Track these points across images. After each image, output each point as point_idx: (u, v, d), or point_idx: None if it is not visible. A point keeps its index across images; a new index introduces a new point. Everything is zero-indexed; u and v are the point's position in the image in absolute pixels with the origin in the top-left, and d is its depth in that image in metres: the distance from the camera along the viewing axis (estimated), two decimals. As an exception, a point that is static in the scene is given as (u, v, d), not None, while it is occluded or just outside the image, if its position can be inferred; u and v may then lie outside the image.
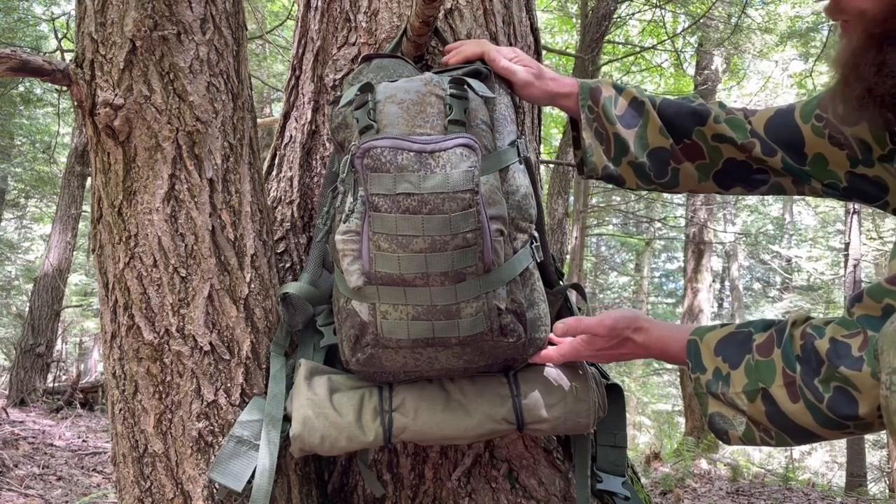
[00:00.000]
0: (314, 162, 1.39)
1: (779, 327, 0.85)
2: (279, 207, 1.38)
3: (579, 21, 7.57)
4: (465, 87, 1.00)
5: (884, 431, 0.77)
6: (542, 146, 1.84)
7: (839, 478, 8.83)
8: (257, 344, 1.11)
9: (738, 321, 0.96)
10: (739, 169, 1.07)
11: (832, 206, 12.48)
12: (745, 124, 1.05)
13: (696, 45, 9.27)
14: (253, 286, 1.12)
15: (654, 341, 0.97)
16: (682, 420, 10.56)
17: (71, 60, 1.09)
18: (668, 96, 1.12)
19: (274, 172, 1.44)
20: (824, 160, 0.98)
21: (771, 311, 13.90)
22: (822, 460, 10.20)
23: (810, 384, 0.77)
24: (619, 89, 1.11)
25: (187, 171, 1.07)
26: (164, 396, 1.05)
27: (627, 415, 1.24)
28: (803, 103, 1.01)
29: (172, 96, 1.07)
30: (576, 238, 8.36)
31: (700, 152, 1.08)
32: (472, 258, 0.91)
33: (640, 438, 10.80)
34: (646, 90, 1.15)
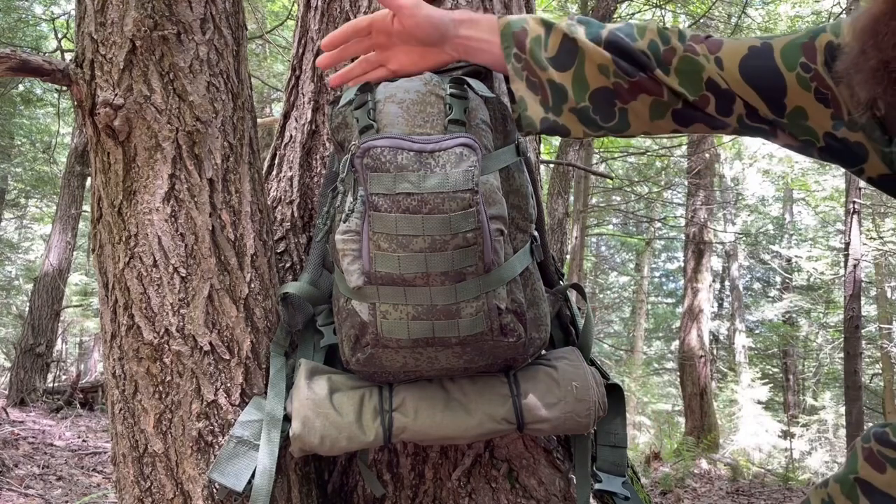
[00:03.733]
0: (314, 162, 1.39)
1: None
2: (279, 207, 1.38)
3: (579, 21, 7.55)
4: (465, 86, 1.00)
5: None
6: (542, 146, 1.84)
7: (839, 478, 8.81)
8: (257, 344, 1.11)
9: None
10: (694, 113, 0.93)
11: (832, 206, 12.47)
12: (701, 71, 0.89)
13: (696, 45, 9.26)
14: (253, 286, 1.12)
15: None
16: (682, 420, 10.56)
17: (71, 60, 1.09)
18: (614, 26, 0.95)
19: (274, 172, 1.44)
20: (804, 114, 0.85)
21: (771, 311, 13.90)
22: (822, 460, 10.20)
23: (882, 437, 0.76)
24: (549, 25, 0.96)
25: (187, 170, 1.07)
26: (164, 396, 1.05)
27: (627, 415, 1.24)
28: (783, 46, 0.86)
29: (172, 96, 1.07)
30: (576, 238, 8.36)
31: (656, 89, 0.92)
32: (472, 258, 0.91)
33: (640, 438, 10.80)
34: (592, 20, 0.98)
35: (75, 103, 1.10)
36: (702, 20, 7.36)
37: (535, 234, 1.09)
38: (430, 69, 1.05)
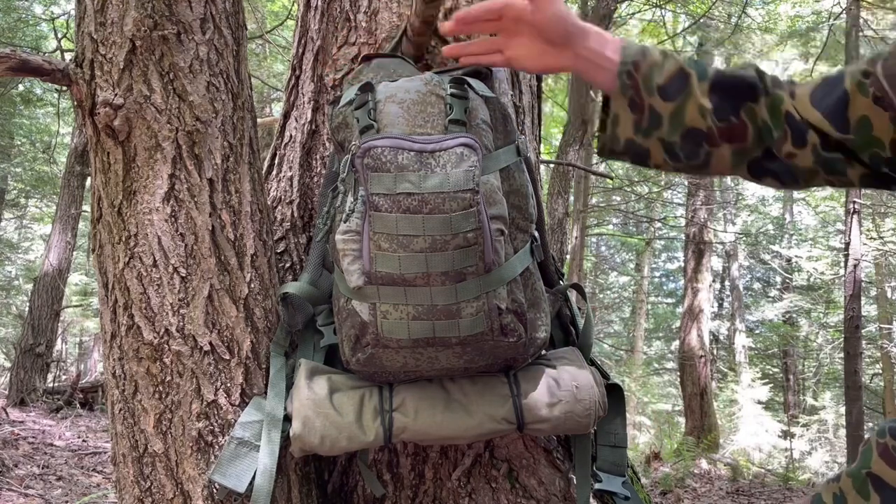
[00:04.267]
0: (314, 162, 1.39)
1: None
2: (279, 207, 1.38)
3: (579, 21, 7.55)
4: (466, 86, 1.00)
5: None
6: (542, 146, 1.84)
7: (839, 478, 8.81)
8: (257, 344, 1.11)
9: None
10: (770, 165, 0.94)
11: (832, 206, 12.47)
12: (780, 104, 0.90)
13: (696, 45, 9.27)
14: (253, 286, 1.12)
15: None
16: (682, 420, 10.56)
17: (71, 60, 1.09)
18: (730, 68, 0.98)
19: (274, 172, 1.44)
20: (868, 124, 0.83)
21: (771, 311, 13.90)
22: (823, 460, 10.20)
23: None
24: (667, 55, 0.96)
25: (187, 170, 1.07)
26: (163, 396, 1.05)
27: (627, 415, 1.24)
28: (855, 65, 0.86)
29: (172, 96, 1.06)
30: (576, 238, 8.35)
31: (742, 134, 0.92)
32: (472, 258, 0.91)
33: (640, 438, 10.80)
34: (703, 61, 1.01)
35: (75, 103, 1.09)
36: (702, 20, 7.36)
37: (536, 234, 1.09)
38: (542, 70, 1.03)
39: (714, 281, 13.73)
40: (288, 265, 1.32)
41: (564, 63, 1.00)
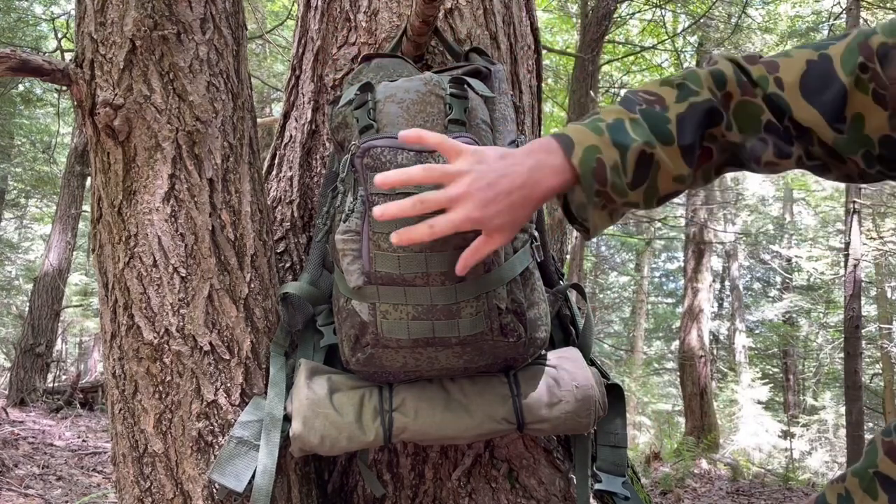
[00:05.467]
0: (314, 162, 1.39)
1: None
2: (279, 207, 1.38)
3: (579, 20, 7.57)
4: (465, 86, 1.00)
5: None
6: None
7: (839, 478, 8.81)
8: (257, 344, 1.11)
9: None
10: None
11: (832, 206, 12.47)
12: (760, 115, 0.83)
13: (696, 45, 9.27)
14: (253, 286, 1.12)
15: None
16: (682, 420, 10.56)
17: (71, 60, 1.09)
18: (682, 106, 0.84)
19: (274, 172, 1.44)
20: (862, 122, 0.78)
21: (771, 311, 13.90)
22: (822, 460, 10.20)
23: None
24: (623, 147, 0.81)
25: (187, 170, 1.07)
26: (163, 396, 1.05)
27: (627, 415, 1.24)
28: (843, 50, 0.79)
29: (172, 96, 1.06)
30: (576, 238, 8.35)
31: (708, 156, 0.86)
32: (472, 258, 0.90)
33: (640, 438, 10.79)
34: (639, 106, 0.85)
35: (75, 103, 1.09)
36: (702, 20, 7.36)
37: (535, 233, 1.09)
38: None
39: (714, 281, 13.72)
40: (288, 265, 1.32)
41: (535, 200, 0.83)
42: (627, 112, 0.83)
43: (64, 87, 1.10)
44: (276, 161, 1.44)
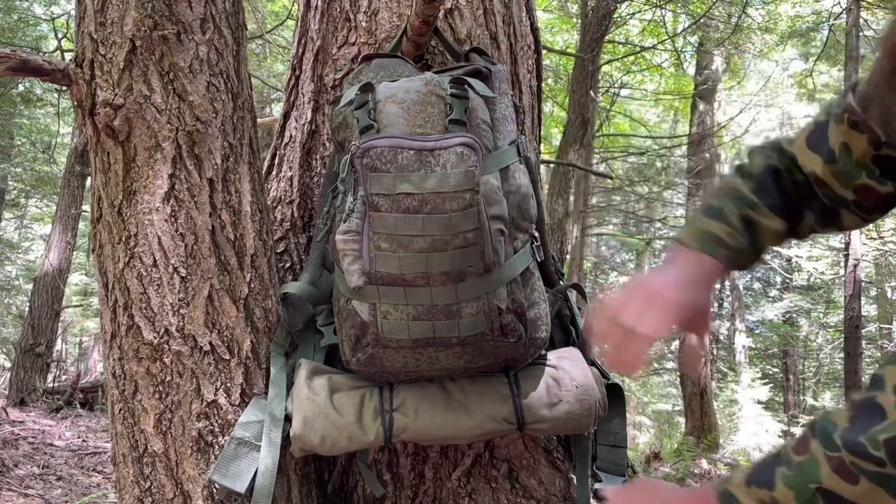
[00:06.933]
0: (314, 162, 1.39)
1: (810, 424, 0.74)
2: (279, 207, 1.38)
3: (579, 21, 7.57)
4: (466, 86, 1.00)
5: None
6: (542, 146, 1.84)
7: (839, 478, 8.81)
8: (257, 344, 1.11)
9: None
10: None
11: (832, 206, 12.44)
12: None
13: (696, 45, 9.27)
14: (253, 286, 1.12)
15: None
16: (682, 420, 10.56)
17: (71, 60, 1.09)
18: (752, 195, 0.90)
19: (274, 172, 1.44)
20: (849, 150, 0.84)
21: (771, 311, 13.90)
22: (823, 460, 10.17)
23: (857, 448, 0.64)
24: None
25: (187, 170, 1.07)
26: (163, 396, 1.05)
27: (627, 415, 1.24)
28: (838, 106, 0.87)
29: (172, 96, 1.06)
30: (576, 238, 8.35)
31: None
32: (472, 258, 0.91)
33: (640, 438, 10.79)
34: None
35: (75, 103, 1.09)
36: (702, 20, 7.36)
37: (536, 234, 1.09)
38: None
39: (714, 281, 13.68)
40: (288, 265, 1.32)
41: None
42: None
43: (64, 87, 1.10)
44: (276, 161, 1.44)
